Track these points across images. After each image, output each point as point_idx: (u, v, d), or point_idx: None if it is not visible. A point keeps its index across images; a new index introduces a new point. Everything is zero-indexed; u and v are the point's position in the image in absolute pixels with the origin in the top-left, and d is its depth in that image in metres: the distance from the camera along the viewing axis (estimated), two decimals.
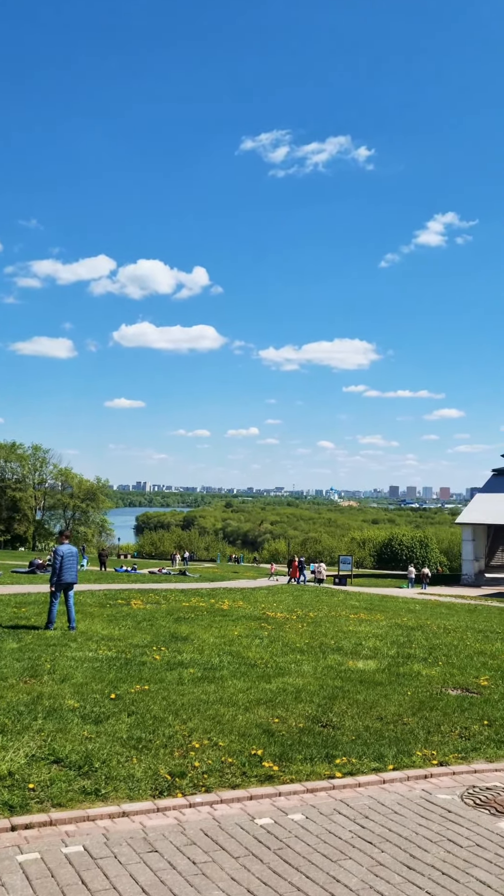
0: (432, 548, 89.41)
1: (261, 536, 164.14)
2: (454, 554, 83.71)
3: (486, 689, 11.61)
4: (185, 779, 6.80)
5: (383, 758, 7.83)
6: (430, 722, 9.37)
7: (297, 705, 9.77)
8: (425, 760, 7.89)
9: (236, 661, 12.77)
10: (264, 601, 25.21)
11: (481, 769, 7.75)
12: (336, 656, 13.84)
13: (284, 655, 13.63)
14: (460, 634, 18.30)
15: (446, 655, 14.68)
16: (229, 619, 18.76)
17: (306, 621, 19.43)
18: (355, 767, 7.48)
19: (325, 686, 11.06)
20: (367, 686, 11.25)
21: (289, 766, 7.38)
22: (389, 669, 12.79)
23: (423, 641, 16.56)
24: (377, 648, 15.10)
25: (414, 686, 11.45)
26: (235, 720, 8.81)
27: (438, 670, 12.94)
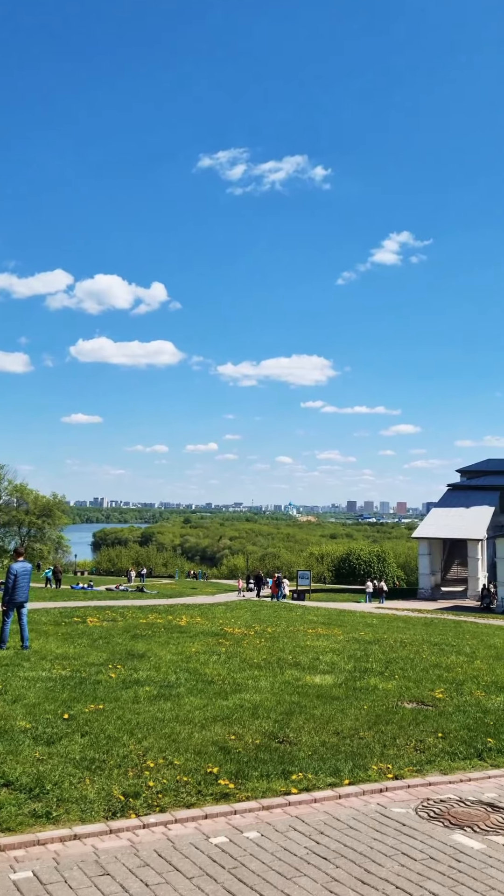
0: (389, 562, 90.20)
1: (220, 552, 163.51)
2: (411, 568, 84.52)
3: (440, 701, 11.71)
4: (139, 799, 6.70)
5: (339, 772, 7.83)
6: (385, 735, 9.40)
7: (254, 721, 9.72)
8: (381, 774, 7.90)
9: (193, 677, 12.66)
10: (222, 617, 25.09)
11: (436, 782, 7.79)
12: (293, 671, 13.83)
13: (242, 671, 13.56)
14: (416, 648, 18.46)
15: (402, 669, 14.78)
16: (187, 636, 18.61)
17: (264, 637, 19.39)
18: (311, 783, 7.45)
19: (283, 701, 11.03)
20: (324, 701, 11.25)
21: (245, 783, 7.32)
22: (346, 684, 12.82)
23: (380, 655, 16.66)
24: (334, 663, 15.13)
25: (370, 700, 11.50)
26: (191, 738, 8.72)
27: (395, 684, 13.02)
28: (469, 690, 12.72)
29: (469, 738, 9.48)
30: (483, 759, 8.75)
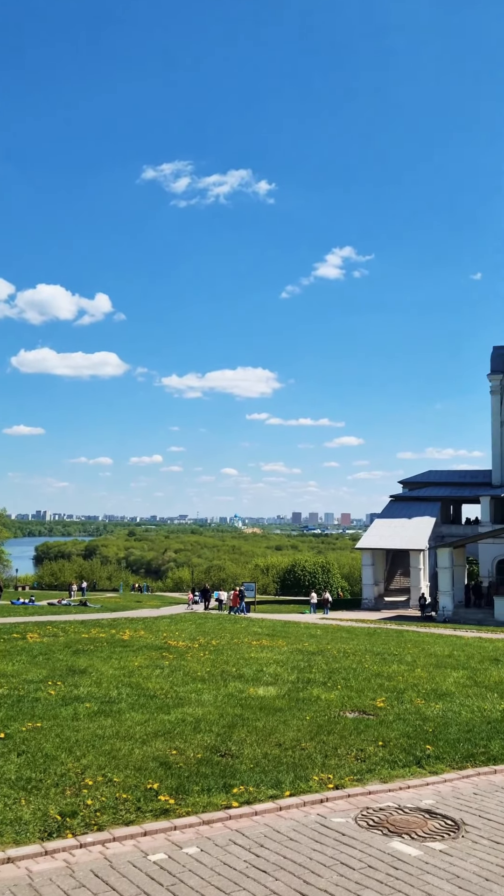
0: (334, 573, 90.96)
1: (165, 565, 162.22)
2: (355, 579, 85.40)
3: (381, 710, 11.83)
4: (76, 818, 6.56)
5: (281, 784, 7.82)
6: (327, 746, 9.44)
7: (196, 735, 9.64)
8: (322, 785, 7.93)
9: (135, 692, 12.50)
10: (166, 630, 24.87)
11: (375, 790, 7.86)
12: (237, 684, 13.78)
13: (185, 685, 13.45)
14: (359, 658, 18.62)
15: (345, 679, 14.89)
16: (130, 650, 18.38)
17: (208, 649, 19.29)
18: (252, 796, 7.43)
19: (225, 714, 10.98)
20: (267, 713, 11.25)
21: (185, 798, 7.25)
22: (289, 695, 12.84)
23: (323, 666, 16.74)
24: (278, 674, 15.14)
25: (313, 710, 11.54)
26: (132, 754, 8.60)
27: (337, 694, 13.10)
28: (409, 698, 12.89)
29: (408, 746, 9.60)
30: (422, 767, 8.87)
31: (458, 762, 9.15)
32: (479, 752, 9.59)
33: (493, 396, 56.04)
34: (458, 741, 9.97)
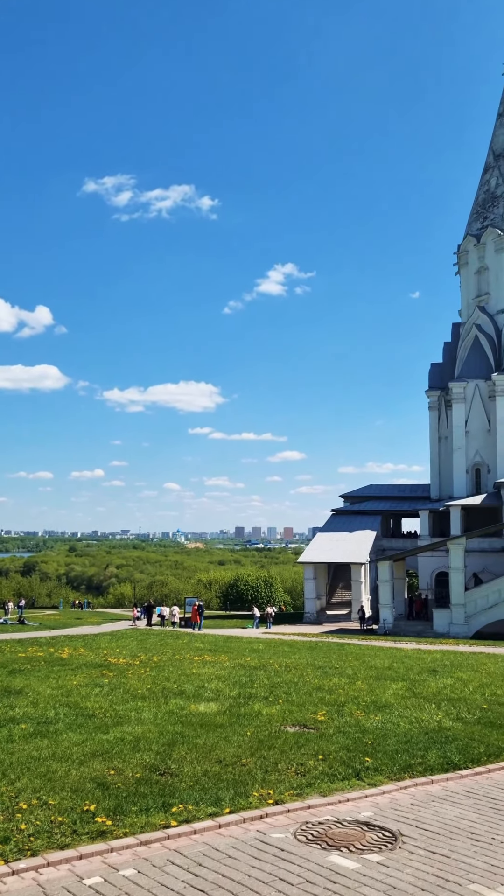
0: (276, 587, 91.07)
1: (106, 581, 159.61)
2: (297, 592, 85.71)
3: (322, 723, 11.88)
4: (8, 844, 6.38)
5: (220, 801, 7.77)
6: (267, 761, 9.43)
7: (135, 755, 9.50)
8: (262, 800, 7.91)
9: (73, 712, 12.26)
10: (107, 647, 24.48)
11: (315, 804, 7.88)
12: (178, 700, 13.65)
13: (125, 703, 13.25)
14: (301, 672, 18.67)
15: (286, 693, 14.90)
16: (69, 669, 18.01)
17: (149, 666, 19.06)
18: (192, 814, 7.36)
19: (165, 732, 10.85)
20: (208, 729, 11.17)
21: (123, 819, 7.13)
22: (231, 711, 12.78)
23: (265, 680, 16.73)
24: (219, 690, 15.06)
25: (254, 726, 11.51)
26: (68, 776, 8.42)
27: (278, 708, 13.10)
28: (350, 711, 12.98)
29: (348, 759, 9.66)
30: (361, 779, 8.93)
31: (397, 773, 9.25)
32: (416, 762, 9.72)
33: (431, 412, 57.30)
34: (397, 752, 10.09)
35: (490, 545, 48.23)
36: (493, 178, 55.96)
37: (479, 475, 52.85)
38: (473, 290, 55.76)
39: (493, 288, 53.81)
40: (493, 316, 53.18)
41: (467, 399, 52.58)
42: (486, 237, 54.02)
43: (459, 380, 52.86)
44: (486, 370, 52.02)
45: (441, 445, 56.24)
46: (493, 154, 56.88)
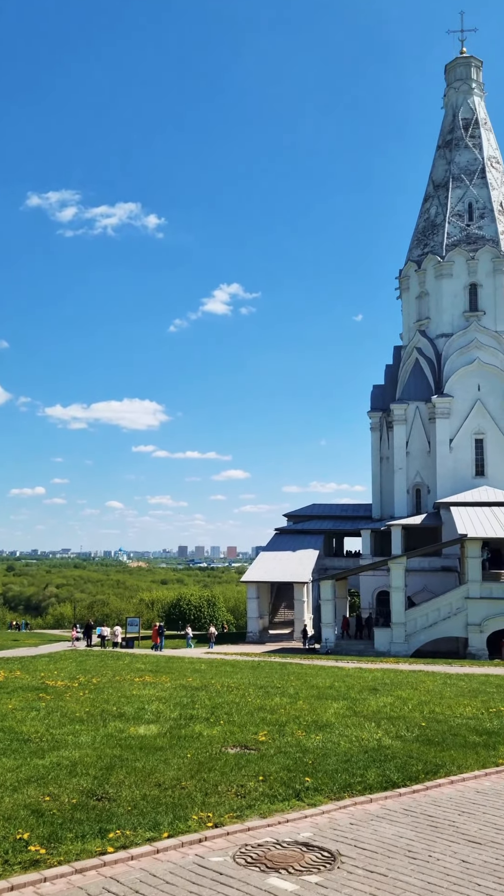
0: (219, 606, 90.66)
1: (46, 600, 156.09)
2: (240, 612, 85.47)
3: (263, 744, 11.83)
4: None
5: (159, 826, 7.65)
6: (207, 783, 9.33)
7: (72, 780, 9.29)
8: (201, 824, 7.82)
9: (8, 737, 11.91)
10: (45, 670, 23.90)
11: (255, 826, 7.83)
12: (117, 723, 13.41)
13: (62, 727, 12.95)
14: (242, 692, 18.58)
15: (228, 714, 14.80)
16: (3, 692, 17.51)
17: (88, 688, 18.68)
18: (129, 840, 7.22)
19: (104, 756, 10.64)
20: (147, 752, 11.00)
21: (58, 846, 6.95)
22: (171, 732, 12.63)
23: (207, 701, 16.58)
24: (160, 712, 14.86)
25: (194, 748, 11.39)
26: (1, 803, 8.17)
27: (219, 729, 13.00)
28: (291, 731, 12.97)
29: (288, 779, 9.64)
30: (301, 799, 8.92)
31: (336, 793, 9.27)
32: (356, 781, 9.76)
33: (373, 433, 58.24)
34: (337, 772, 10.11)
35: (430, 564, 49.09)
36: (433, 206, 57.66)
37: (420, 495, 53.84)
38: (414, 315, 57.13)
39: (434, 313, 55.23)
40: (433, 340, 54.54)
41: (408, 421, 53.66)
42: (426, 263, 55.51)
43: (400, 402, 53.94)
44: (426, 393, 53.23)
45: (383, 466, 57.15)
46: (433, 184, 58.65)
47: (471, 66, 59.71)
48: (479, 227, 54.93)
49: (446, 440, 51.68)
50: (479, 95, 59.53)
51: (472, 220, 55.46)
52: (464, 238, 54.83)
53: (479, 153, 56.95)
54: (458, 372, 51.95)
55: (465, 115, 58.51)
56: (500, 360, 51.71)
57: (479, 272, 53.91)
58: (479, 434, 51.58)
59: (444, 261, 54.18)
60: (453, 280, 54.30)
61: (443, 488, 50.85)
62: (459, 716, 15.35)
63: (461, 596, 41.01)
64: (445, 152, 58.29)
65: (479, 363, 51.61)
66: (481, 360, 51.68)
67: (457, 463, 51.45)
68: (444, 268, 54.23)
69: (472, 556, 40.72)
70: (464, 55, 59.68)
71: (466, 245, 54.34)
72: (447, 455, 51.60)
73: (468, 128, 58.18)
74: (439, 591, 44.61)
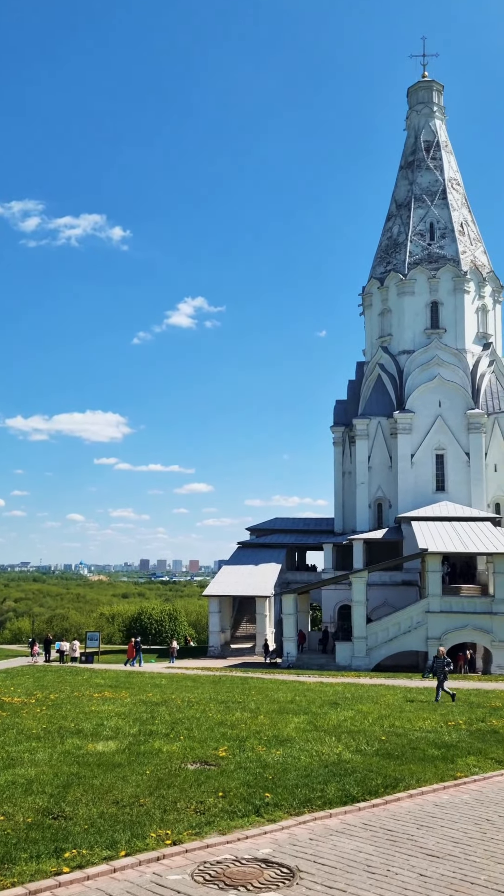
0: (181, 620, 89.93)
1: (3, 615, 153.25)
2: (202, 626, 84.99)
3: (223, 759, 11.75)
4: None
5: (116, 844, 7.53)
6: (166, 800, 9.23)
7: (28, 798, 9.10)
8: (159, 841, 7.72)
9: None
10: (1, 686, 23.43)
11: (214, 843, 7.76)
12: (75, 740, 13.20)
13: (18, 744, 12.70)
14: (203, 707, 18.45)
15: (188, 729, 14.68)
16: None
17: (46, 704, 18.37)
18: (86, 859, 7.09)
19: (60, 774, 10.46)
20: (106, 769, 10.84)
21: (11, 867, 6.79)
22: (130, 749, 12.47)
23: (167, 716, 16.43)
24: (119, 728, 14.68)
25: (154, 764, 11.26)
26: None
27: (179, 745, 12.88)
28: (251, 746, 12.90)
29: (248, 795, 9.58)
30: (260, 815, 8.87)
31: (296, 808, 9.24)
32: (315, 796, 9.74)
33: (335, 448, 58.60)
34: (297, 787, 10.09)
35: (391, 578, 49.40)
36: (396, 225, 58.59)
37: (381, 510, 54.26)
38: (377, 331, 57.83)
39: (396, 329, 55.98)
40: (396, 356, 55.23)
41: (370, 436, 54.15)
42: (389, 281, 56.30)
43: (363, 417, 54.43)
44: (388, 408, 53.81)
45: (345, 480, 57.50)
46: (395, 203, 59.64)
47: (432, 89, 61.00)
48: (440, 246, 55.95)
49: (408, 455, 52.24)
50: (441, 119, 60.83)
51: (434, 239, 56.47)
52: (425, 257, 55.77)
53: (441, 175, 58.11)
54: (420, 388, 52.64)
55: (427, 138, 59.70)
56: (460, 377, 52.55)
57: (441, 290, 54.85)
58: (439, 450, 52.27)
59: (406, 279, 55.02)
60: (415, 298, 55.13)
61: (404, 503, 51.33)
62: (419, 729, 15.45)
63: (421, 610, 41.34)
64: (408, 173, 59.35)
65: (440, 380, 52.38)
66: (442, 376, 52.46)
67: (418, 478, 52.01)
68: (406, 285, 55.06)
69: (432, 570, 41.11)
70: (426, 79, 60.96)
71: (428, 264, 55.28)
72: (408, 470, 52.15)
73: (430, 150, 59.36)
74: (400, 605, 44.91)
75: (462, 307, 54.54)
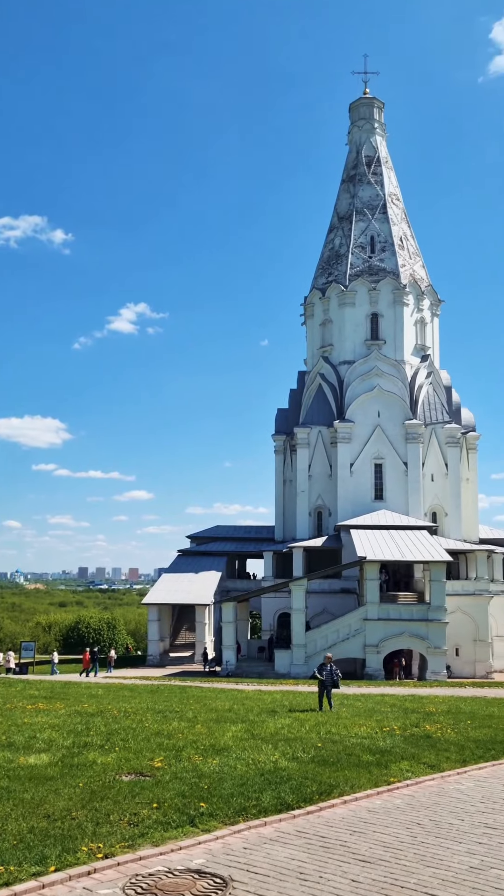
0: (120, 629, 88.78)
1: None
2: (141, 635, 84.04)
3: (159, 770, 11.64)
4: None
5: (46, 860, 7.37)
6: (100, 813, 9.09)
7: None
8: (90, 855, 7.59)
9: None
10: None
11: (147, 855, 7.67)
12: (5, 753, 12.88)
13: None
14: (140, 717, 18.25)
15: (124, 740, 14.49)
16: None
17: None
18: (13, 876, 6.92)
19: None
20: (37, 782, 10.61)
21: None
22: (63, 761, 12.23)
23: (102, 727, 16.18)
24: (52, 740, 14.38)
25: (87, 776, 11.07)
26: None
27: (114, 756, 12.70)
28: (188, 756, 12.82)
29: (183, 806, 9.51)
30: (195, 826, 8.82)
31: (231, 817, 9.22)
32: (251, 805, 9.74)
33: (276, 456, 58.94)
34: (232, 796, 10.06)
35: (330, 586, 49.85)
36: (338, 237, 59.48)
37: (321, 518, 54.77)
38: (318, 341, 58.50)
39: (337, 340, 56.74)
40: (336, 366, 55.95)
41: (311, 444, 54.65)
42: (330, 291, 57.07)
43: (304, 426, 54.91)
44: (328, 417, 54.43)
45: (286, 488, 57.86)
46: (337, 215, 60.56)
47: (374, 106, 62.26)
48: (380, 259, 57.02)
49: (347, 464, 52.91)
50: (382, 135, 62.10)
51: (375, 252, 57.53)
52: (366, 269, 56.76)
53: (381, 190, 59.30)
54: (360, 398, 53.44)
55: (368, 153, 60.86)
56: (399, 387, 53.56)
57: (381, 302, 55.87)
58: (378, 459, 53.10)
59: (347, 290, 55.86)
60: (356, 309, 56.02)
61: (343, 511, 51.92)
62: (355, 735, 15.62)
63: (360, 617, 41.84)
64: (350, 186, 60.37)
65: (380, 390, 53.29)
66: (381, 387, 53.38)
67: (357, 487, 52.72)
68: (347, 297, 55.90)
69: (370, 578, 41.68)
70: (367, 96, 62.17)
71: (369, 276, 56.26)
72: (348, 479, 52.81)
73: (371, 165, 60.52)
74: (339, 612, 45.35)
75: (401, 319, 55.66)
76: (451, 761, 13.47)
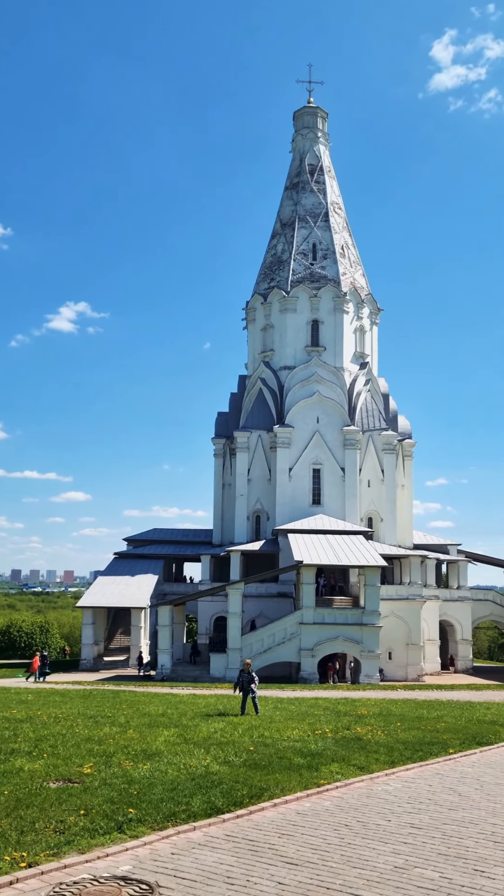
0: (53, 633, 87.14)
1: None
2: (76, 638, 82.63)
3: (88, 776, 11.47)
4: None
5: None
6: (24, 821, 8.90)
7: None
8: (13, 864, 7.42)
9: None
10: None
11: (72, 863, 7.55)
12: None
13: None
14: (70, 722, 17.94)
15: (53, 746, 14.22)
16: None
17: None
18: None
19: None
20: None
21: None
22: None
23: (30, 734, 15.85)
24: None
25: (13, 784, 10.82)
26: None
27: (42, 763, 12.46)
28: (118, 762, 12.67)
29: (111, 812, 9.40)
30: (123, 831, 8.72)
31: (160, 822, 9.16)
32: (180, 810, 9.69)
33: (216, 459, 58.92)
34: (162, 801, 10.00)
35: (267, 590, 50.08)
36: (280, 243, 59.95)
37: (259, 522, 54.99)
38: (259, 346, 58.79)
39: (278, 345, 57.13)
40: (277, 371, 56.34)
41: (250, 448, 54.84)
42: (272, 297, 57.44)
43: (244, 430, 55.08)
44: (268, 422, 54.74)
45: (225, 492, 57.87)
46: (280, 222, 61.04)
47: (317, 115, 63.03)
48: (322, 266, 57.70)
49: (286, 469, 53.28)
50: (325, 144, 62.91)
51: (316, 259, 58.19)
52: (308, 276, 57.35)
53: (324, 198, 60.04)
54: (299, 404, 53.91)
55: (312, 162, 61.56)
56: (337, 394, 54.25)
57: (322, 309, 56.52)
58: (316, 464, 53.65)
59: (288, 296, 56.32)
60: (297, 315, 56.53)
61: (281, 515, 52.25)
62: (287, 739, 15.71)
63: (295, 621, 42.15)
64: (293, 193, 60.93)
65: (319, 396, 53.87)
66: (321, 393, 53.97)
67: (295, 491, 53.14)
68: (288, 303, 56.36)
69: (306, 582, 42.05)
70: (311, 105, 62.91)
71: (310, 283, 56.86)
72: (286, 483, 53.18)
73: (314, 173, 61.24)
74: (275, 616, 45.58)
75: (341, 327, 56.42)
76: (380, 763, 13.69)
